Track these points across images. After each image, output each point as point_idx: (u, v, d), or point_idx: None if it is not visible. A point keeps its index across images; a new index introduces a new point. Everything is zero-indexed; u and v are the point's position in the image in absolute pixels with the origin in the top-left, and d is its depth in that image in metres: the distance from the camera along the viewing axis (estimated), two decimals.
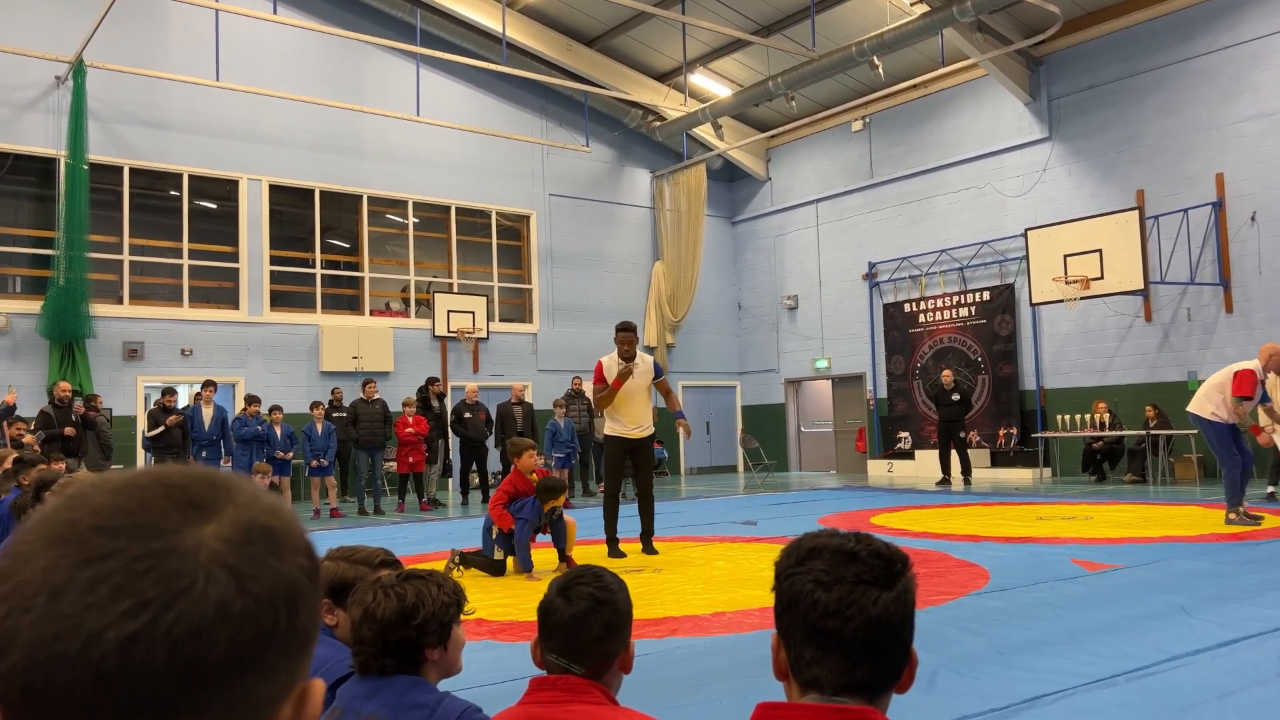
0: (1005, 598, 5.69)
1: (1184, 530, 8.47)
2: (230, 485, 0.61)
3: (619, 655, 1.78)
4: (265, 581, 0.57)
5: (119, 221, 15.17)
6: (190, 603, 0.54)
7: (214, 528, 0.57)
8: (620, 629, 1.80)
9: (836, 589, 1.23)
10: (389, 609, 1.93)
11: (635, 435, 8.20)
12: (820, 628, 1.23)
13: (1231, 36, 14.35)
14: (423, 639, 1.97)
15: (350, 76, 17.15)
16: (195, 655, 0.53)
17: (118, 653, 0.52)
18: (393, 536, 10.09)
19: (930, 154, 18.29)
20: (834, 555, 1.27)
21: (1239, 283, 14.27)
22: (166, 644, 0.53)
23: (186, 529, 0.56)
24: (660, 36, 18.25)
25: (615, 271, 20.36)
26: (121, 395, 14.49)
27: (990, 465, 16.64)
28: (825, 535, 1.32)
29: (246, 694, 0.56)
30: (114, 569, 0.53)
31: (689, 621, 5.39)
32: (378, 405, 13.64)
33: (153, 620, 0.53)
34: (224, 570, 0.55)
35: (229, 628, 0.55)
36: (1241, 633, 4.56)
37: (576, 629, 1.76)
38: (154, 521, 0.56)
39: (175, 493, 0.58)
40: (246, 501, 0.60)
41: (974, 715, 3.48)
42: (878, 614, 1.22)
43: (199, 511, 0.57)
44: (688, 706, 3.73)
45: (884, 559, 1.27)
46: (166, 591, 0.54)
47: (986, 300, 17.34)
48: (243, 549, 0.57)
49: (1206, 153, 14.59)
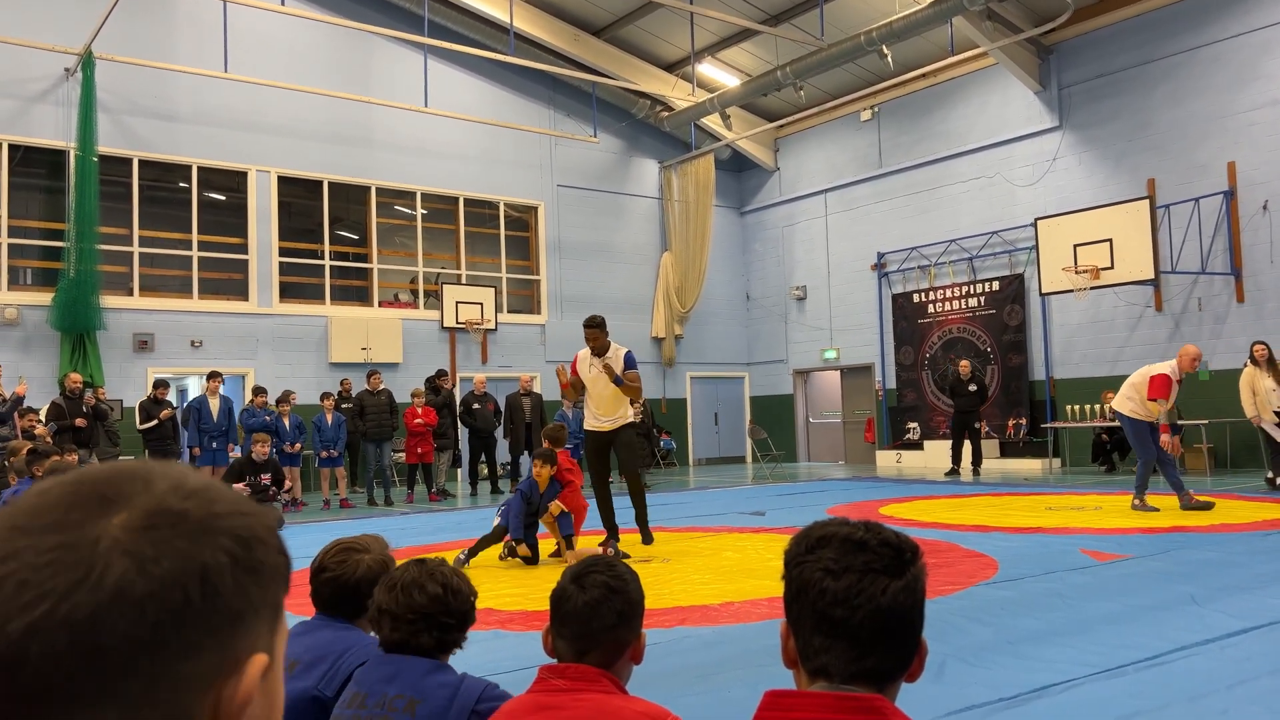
0: (1014, 588, 5.68)
1: (1193, 520, 8.45)
2: (152, 476, 0.62)
3: (630, 645, 1.79)
4: (169, 563, 0.58)
5: (129, 213, 15.21)
6: (87, 590, 0.56)
7: (121, 518, 0.59)
8: (632, 618, 1.80)
9: (846, 577, 1.23)
10: (465, 585, 2.08)
11: (606, 428, 8.08)
12: (829, 616, 1.23)
13: (1243, 24, 14.24)
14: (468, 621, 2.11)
15: (358, 68, 17.15)
16: (95, 639, 0.55)
17: (19, 643, 0.54)
18: (401, 527, 10.13)
19: (939, 143, 18.21)
20: (843, 543, 1.26)
21: (1250, 272, 14.19)
22: (65, 631, 0.55)
23: (90, 522, 0.58)
24: (668, 26, 18.19)
25: (623, 262, 20.35)
26: (132, 386, 14.55)
27: (999, 456, 16.60)
28: (835, 524, 1.31)
29: (166, 672, 0.58)
30: (18, 566, 0.56)
31: (697, 611, 5.40)
32: (383, 396, 13.60)
33: (50, 610, 0.55)
34: (123, 556, 0.57)
35: (130, 610, 0.56)
36: (1251, 622, 4.55)
37: (589, 617, 1.76)
38: (59, 518, 0.58)
39: (87, 489, 0.60)
40: (164, 490, 0.61)
41: (983, 704, 3.48)
42: (887, 603, 1.22)
43: (108, 504, 0.60)
44: (696, 696, 3.74)
45: (894, 548, 1.26)
46: (65, 582, 0.56)
47: (996, 290, 17.28)
48: (145, 534, 0.59)
49: (1218, 141, 14.50)
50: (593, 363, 8.02)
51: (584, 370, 8.06)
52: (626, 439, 8.16)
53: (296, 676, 2.15)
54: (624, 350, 8.06)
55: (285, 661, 2.20)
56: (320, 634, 2.29)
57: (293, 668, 2.17)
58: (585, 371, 8.04)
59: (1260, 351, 11.28)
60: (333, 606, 2.37)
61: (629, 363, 8.05)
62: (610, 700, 1.65)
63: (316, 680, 2.14)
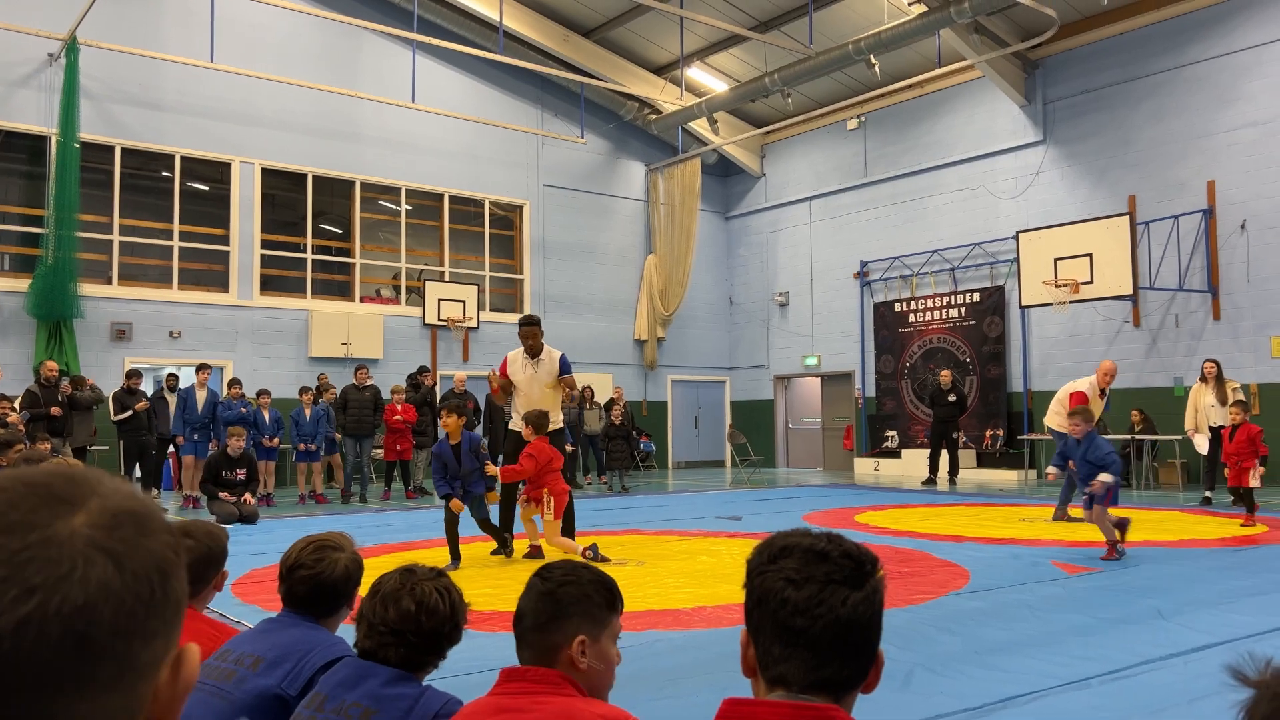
0: (984, 598, 5.72)
1: (1164, 535, 8.54)
2: (90, 479, 0.66)
3: (561, 648, 1.75)
4: (139, 559, 0.63)
5: (109, 201, 15.09)
6: (74, 584, 0.60)
7: (83, 517, 0.63)
8: (559, 620, 1.76)
9: (807, 587, 1.25)
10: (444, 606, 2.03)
11: None
12: (790, 625, 1.24)
13: (1225, 45, 14.40)
14: (456, 637, 2.08)
15: (346, 61, 17.08)
16: (84, 630, 0.59)
17: (13, 636, 0.57)
18: (377, 524, 10.10)
19: (924, 154, 18.32)
20: (805, 554, 1.28)
21: (1227, 290, 14.35)
22: (58, 622, 0.58)
23: (57, 521, 0.62)
24: (658, 29, 18.22)
25: (607, 264, 20.35)
26: (109, 376, 14.43)
27: (976, 466, 16.71)
28: (798, 534, 1.33)
29: (132, 659, 0.62)
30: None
31: (669, 615, 5.42)
32: (368, 392, 13.52)
33: (42, 603, 0.58)
34: (100, 552, 0.62)
35: (112, 602, 0.61)
36: (1216, 638, 4.60)
37: (519, 618, 1.80)
38: (25, 518, 0.61)
39: (39, 490, 0.63)
40: (108, 492, 0.66)
41: (948, 714, 3.51)
42: (846, 614, 1.24)
43: (66, 505, 0.63)
44: (666, 700, 3.75)
45: (854, 559, 1.28)
46: (51, 576, 0.59)
47: (977, 301, 17.40)
48: (114, 532, 0.63)
49: (1198, 160, 14.66)
50: (525, 364, 7.96)
51: (515, 372, 7.99)
52: (559, 444, 8.09)
53: (260, 674, 2.14)
54: (559, 353, 8.04)
55: (248, 658, 2.18)
56: (287, 632, 2.27)
57: (256, 665, 2.16)
58: (517, 373, 7.97)
59: (1209, 369, 11.64)
60: (306, 605, 2.34)
61: (564, 367, 8.04)
62: (571, 704, 1.64)
63: (280, 679, 2.12)
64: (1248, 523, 8.97)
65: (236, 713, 2.07)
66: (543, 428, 7.53)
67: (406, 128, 17.64)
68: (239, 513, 10.27)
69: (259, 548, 7.87)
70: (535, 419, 7.54)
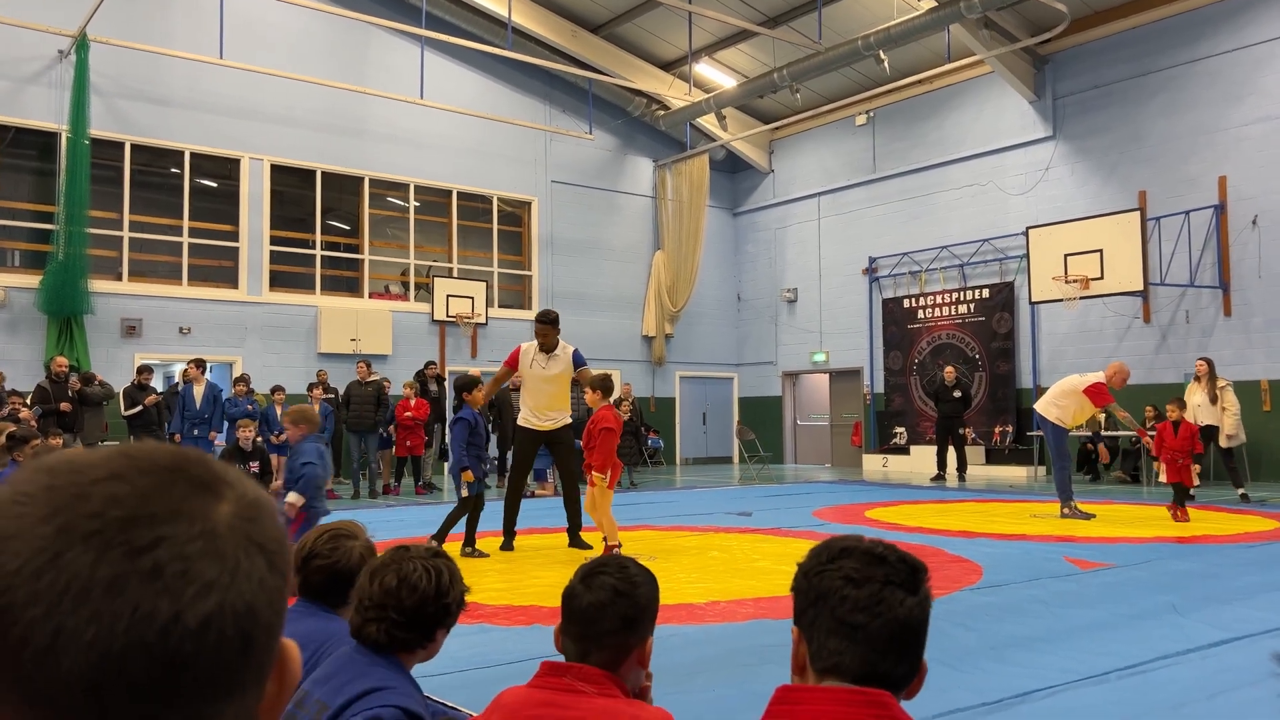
0: (998, 594, 5.71)
1: (1176, 531, 8.51)
2: (211, 461, 0.63)
3: (635, 649, 1.75)
4: (281, 552, 0.61)
5: (119, 198, 15.13)
6: (243, 579, 0.57)
7: (228, 507, 0.59)
8: (638, 623, 1.76)
9: (867, 587, 1.31)
10: (427, 583, 1.96)
11: (543, 427, 7.87)
12: (848, 621, 1.30)
13: (1238, 39, 14.33)
14: (445, 617, 2.01)
15: (354, 57, 17.09)
16: (250, 630, 0.57)
17: (197, 635, 0.54)
18: (387, 519, 10.12)
19: (933, 150, 18.27)
20: (864, 556, 1.34)
21: (1238, 286, 14.29)
22: (233, 622, 0.56)
23: (210, 509, 0.58)
24: (666, 25, 18.19)
25: (615, 260, 20.35)
26: (119, 372, 14.45)
27: (985, 462, 16.67)
28: (854, 538, 1.39)
29: (270, 660, 0.60)
30: (169, 555, 0.55)
31: (683, 610, 5.41)
32: (371, 388, 13.39)
33: (220, 599, 0.55)
34: (255, 547, 0.59)
35: (266, 599, 0.59)
36: (1232, 633, 4.58)
37: (593, 618, 1.75)
38: (179, 505, 0.57)
39: (179, 475, 0.59)
40: (234, 477, 0.62)
41: (966, 709, 3.50)
42: (904, 614, 1.30)
43: (209, 491, 0.59)
44: (682, 695, 3.74)
45: (910, 565, 1.36)
46: (223, 572, 0.56)
47: (986, 298, 17.35)
48: (259, 525, 0.60)
49: (1210, 155, 14.59)
50: (537, 358, 7.86)
51: (525, 364, 7.88)
52: (568, 441, 8.03)
53: None
54: (572, 348, 7.97)
55: None
56: (304, 623, 2.27)
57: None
58: (527, 366, 7.87)
59: (1200, 368, 11.65)
60: (322, 594, 2.36)
61: (578, 361, 7.97)
62: (614, 704, 1.63)
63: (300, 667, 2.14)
64: (1181, 518, 9.00)
65: None
66: (609, 391, 7.46)
67: (415, 124, 17.64)
68: None
69: None
70: (600, 382, 7.39)
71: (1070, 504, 9.59)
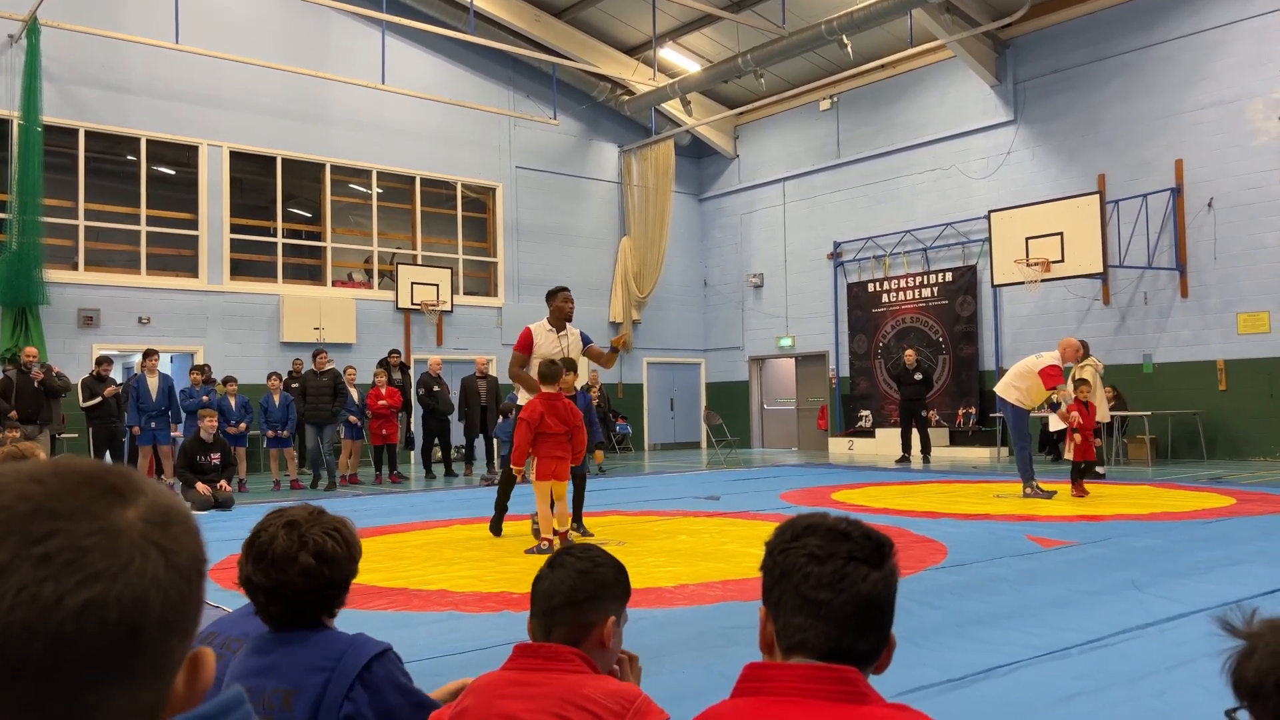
0: (962, 572, 5.79)
1: (1136, 509, 8.67)
2: (134, 476, 0.68)
3: (595, 627, 1.78)
4: (184, 556, 0.66)
5: (74, 185, 14.83)
6: (133, 574, 0.62)
7: (136, 511, 0.65)
8: (597, 599, 1.79)
9: (830, 563, 1.31)
10: (340, 548, 1.88)
11: None
12: (812, 599, 1.30)
13: (1192, 24, 14.53)
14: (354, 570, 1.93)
15: (315, 42, 16.85)
16: (137, 620, 0.62)
17: (76, 618, 0.59)
18: (354, 509, 10.05)
19: (897, 134, 18.38)
20: (828, 533, 1.34)
21: (1194, 268, 14.54)
22: (117, 610, 0.60)
23: (114, 512, 0.64)
24: (629, 9, 18.12)
25: (582, 246, 20.29)
26: (76, 364, 14.21)
27: (949, 444, 16.86)
28: (818, 516, 1.39)
29: (169, 655, 0.65)
30: (62, 546, 0.60)
31: (652, 593, 5.43)
32: (326, 377, 13.07)
33: (105, 589, 0.60)
34: (154, 547, 0.64)
35: (161, 596, 0.63)
36: (1189, 607, 4.68)
37: (551, 595, 1.79)
38: (84, 505, 0.63)
39: (93, 481, 0.65)
40: (153, 490, 0.68)
41: (931, 685, 3.55)
42: (867, 590, 1.30)
43: (119, 497, 0.65)
44: (651, 677, 3.75)
45: (874, 541, 1.35)
46: (113, 565, 0.61)
47: (949, 281, 17.52)
48: (166, 529, 0.66)
49: (1166, 139, 14.81)
50: (552, 335, 7.59)
51: (546, 344, 7.53)
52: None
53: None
54: (578, 330, 7.91)
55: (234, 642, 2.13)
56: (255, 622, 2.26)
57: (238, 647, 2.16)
58: (549, 345, 7.52)
59: None
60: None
61: (586, 340, 7.89)
62: (583, 679, 1.67)
63: None
64: (1079, 494, 9.43)
65: None
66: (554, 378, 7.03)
67: (377, 110, 17.45)
68: (215, 499, 10.19)
69: (236, 534, 7.80)
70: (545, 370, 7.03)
71: (1032, 484, 9.72)
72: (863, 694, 1.25)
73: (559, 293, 7.87)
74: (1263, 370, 13.72)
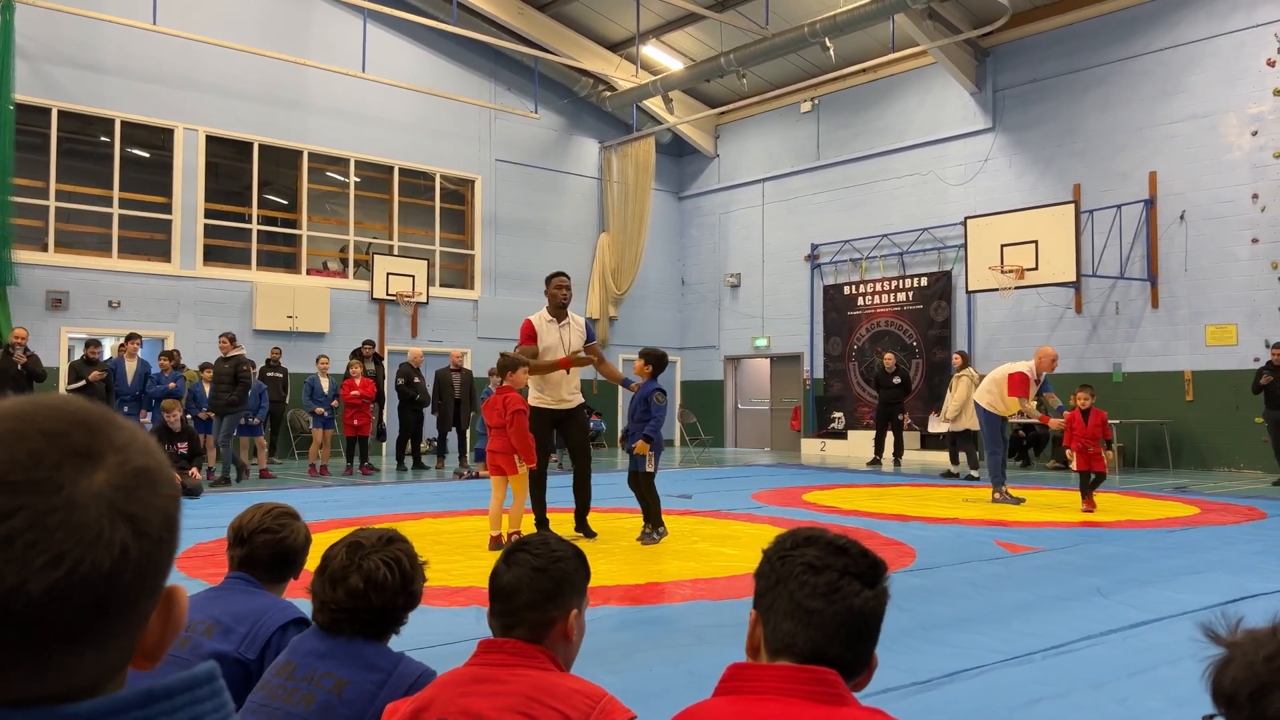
0: (930, 576, 5.83)
1: (1102, 516, 8.77)
2: (105, 427, 0.65)
3: (557, 623, 1.77)
4: (154, 520, 0.64)
5: (46, 165, 14.61)
6: (100, 551, 0.60)
7: (103, 475, 0.62)
8: (558, 596, 1.78)
9: (826, 574, 1.34)
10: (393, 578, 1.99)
11: (563, 406, 7.38)
12: (805, 606, 1.33)
13: (1169, 39, 14.70)
14: (413, 603, 2.05)
15: (294, 27, 16.69)
16: (106, 594, 0.61)
17: (41, 601, 0.58)
18: (324, 500, 9.98)
19: (876, 139, 18.47)
20: (827, 546, 1.38)
21: (1165, 279, 14.72)
22: (83, 588, 0.59)
23: (81, 479, 0.61)
24: (613, 5, 18.08)
25: (560, 241, 20.24)
26: (44, 346, 14.02)
27: (920, 448, 16.98)
28: (819, 530, 1.43)
29: (139, 612, 0.65)
30: (23, 525, 0.58)
31: (621, 591, 5.43)
32: (229, 364, 12.17)
33: (71, 569, 0.59)
34: (123, 519, 0.62)
35: (131, 567, 0.62)
36: (1153, 614, 4.74)
37: (511, 594, 1.77)
38: (48, 476, 0.60)
39: (60, 442, 0.62)
40: (124, 443, 0.65)
41: (897, 688, 3.57)
42: (859, 605, 1.34)
43: (87, 460, 0.62)
44: (618, 674, 3.76)
45: (870, 560, 1.39)
46: (79, 542, 0.59)
47: (924, 286, 17.63)
48: (133, 494, 0.63)
49: (1141, 151, 14.97)
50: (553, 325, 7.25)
51: (548, 334, 7.26)
52: (583, 419, 7.56)
53: (216, 639, 2.15)
54: (582, 318, 7.53)
55: (201, 624, 2.15)
56: (237, 598, 2.29)
57: (211, 631, 2.16)
58: (550, 335, 7.25)
59: (956, 360, 13.53)
60: (267, 568, 2.37)
61: (590, 333, 7.57)
62: (548, 677, 1.66)
63: (237, 644, 2.15)
64: (1088, 508, 8.93)
65: None
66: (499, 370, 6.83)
67: (356, 98, 17.31)
68: (184, 486, 10.08)
69: (203, 521, 7.72)
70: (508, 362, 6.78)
71: (1002, 489, 9.81)
72: (840, 695, 1.28)
73: (554, 278, 7.54)
74: (1229, 382, 13.92)
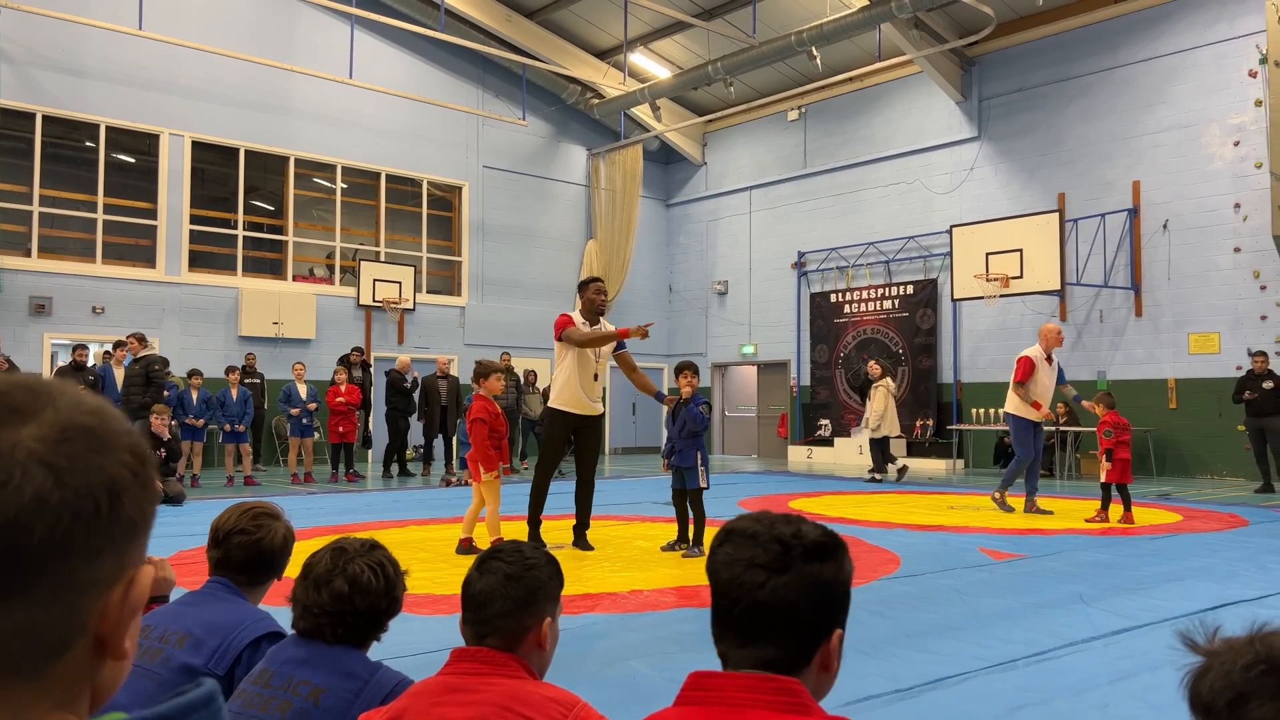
0: (914, 583, 5.84)
1: (1086, 523, 8.79)
2: (52, 391, 0.65)
3: (530, 631, 1.76)
4: (84, 475, 0.62)
5: (30, 170, 14.53)
6: (9, 494, 0.59)
7: (32, 429, 0.62)
8: (531, 604, 1.77)
9: (732, 569, 1.26)
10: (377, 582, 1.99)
11: (586, 412, 7.11)
12: (718, 606, 1.28)
13: (1152, 49, 14.82)
14: (395, 608, 2.05)
15: (281, 33, 16.66)
16: (14, 541, 0.59)
17: None
18: (308, 507, 9.93)
19: (862, 147, 18.55)
20: (739, 538, 1.29)
21: (1149, 288, 14.81)
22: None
23: (4, 431, 0.61)
24: (602, 12, 18.12)
25: (547, 248, 20.23)
26: (27, 352, 13.93)
27: (906, 455, 17.00)
28: (745, 519, 1.33)
29: (71, 576, 0.62)
30: None
31: (606, 598, 5.42)
32: (139, 365, 11.67)
33: None
34: (41, 466, 0.61)
35: (47, 516, 0.60)
36: (1135, 621, 4.76)
37: (484, 603, 1.76)
38: None
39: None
40: (67, 404, 0.64)
41: (880, 695, 3.57)
42: (765, 597, 1.23)
43: (17, 415, 0.62)
44: (603, 681, 3.75)
45: (782, 544, 1.26)
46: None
47: (910, 294, 17.70)
48: (60, 447, 0.62)
49: (1125, 161, 15.08)
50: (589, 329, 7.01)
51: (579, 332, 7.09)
52: (599, 428, 7.35)
53: (187, 652, 2.10)
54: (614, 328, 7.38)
55: (174, 635, 2.13)
56: (212, 607, 2.24)
57: (182, 642, 2.12)
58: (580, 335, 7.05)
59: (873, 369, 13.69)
60: (243, 570, 2.33)
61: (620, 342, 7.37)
62: (521, 685, 1.64)
63: (207, 658, 2.11)
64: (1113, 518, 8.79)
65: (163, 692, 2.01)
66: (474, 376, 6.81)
67: (343, 104, 17.29)
68: (165, 494, 10.02)
69: (186, 529, 7.68)
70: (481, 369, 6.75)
71: (1002, 492, 9.66)
72: (805, 705, 1.22)
73: (590, 284, 7.27)
74: (1212, 390, 14.01)
